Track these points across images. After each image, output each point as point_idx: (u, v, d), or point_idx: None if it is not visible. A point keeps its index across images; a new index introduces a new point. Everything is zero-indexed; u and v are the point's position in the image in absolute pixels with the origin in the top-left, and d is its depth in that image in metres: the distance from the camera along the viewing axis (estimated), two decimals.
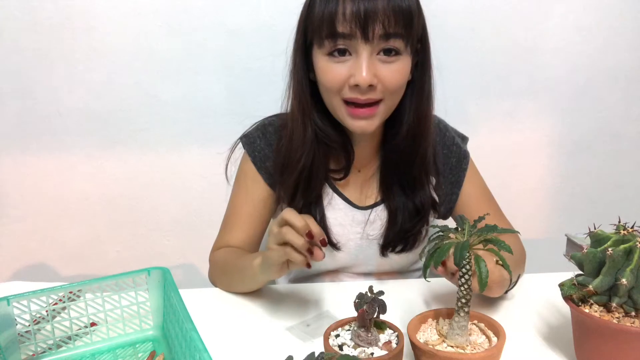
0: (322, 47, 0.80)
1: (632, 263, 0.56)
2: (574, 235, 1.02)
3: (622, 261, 0.57)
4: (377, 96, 0.80)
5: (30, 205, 1.35)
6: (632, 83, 1.39)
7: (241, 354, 0.73)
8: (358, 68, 0.77)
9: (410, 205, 0.91)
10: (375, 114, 0.82)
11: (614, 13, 1.32)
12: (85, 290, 0.75)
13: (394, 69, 0.79)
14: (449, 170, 0.97)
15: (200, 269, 1.44)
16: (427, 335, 0.67)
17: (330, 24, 0.76)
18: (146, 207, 1.38)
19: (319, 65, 0.82)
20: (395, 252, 0.94)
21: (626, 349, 0.58)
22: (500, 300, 0.86)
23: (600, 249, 0.59)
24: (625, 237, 0.58)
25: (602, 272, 0.59)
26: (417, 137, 0.87)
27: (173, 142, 1.33)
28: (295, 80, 0.87)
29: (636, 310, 0.59)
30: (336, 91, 0.81)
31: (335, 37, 0.77)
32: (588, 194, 1.46)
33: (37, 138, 1.30)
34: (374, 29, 0.75)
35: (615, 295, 0.59)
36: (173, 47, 1.27)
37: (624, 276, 0.57)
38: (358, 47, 0.77)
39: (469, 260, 0.62)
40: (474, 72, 1.34)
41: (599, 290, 0.60)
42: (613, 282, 0.58)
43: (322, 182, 0.92)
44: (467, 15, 1.30)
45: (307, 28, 0.82)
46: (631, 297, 0.58)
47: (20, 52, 1.24)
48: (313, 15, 0.79)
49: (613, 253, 0.57)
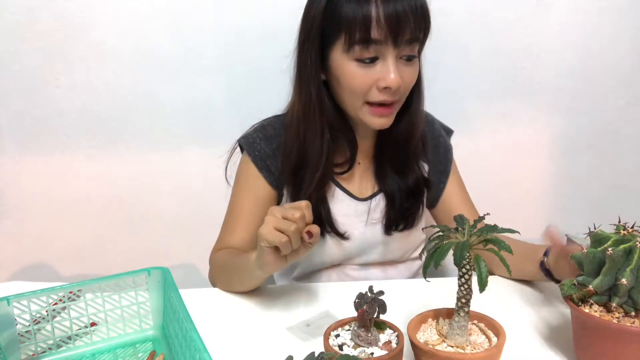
0: (351, 52, 0.80)
1: (632, 263, 0.56)
2: (574, 235, 1.02)
3: (622, 261, 0.57)
4: (399, 97, 0.85)
5: (30, 205, 1.35)
6: (632, 83, 1.39)
7: (241, 354, 0.73)
8: (388, 72, 0.80)
9: (405, 187, 0.97)
10: (394, 112, 0.87)
11: (614, 13, 1.32)
12: (85, 290, 0.75)
13: (412, 71, 0.85)
14: (438, 160, 1.03)
15: (200, 269, 1.44)
16: (427, 335, 0.67)
17: (365, 29, 0.77)
18: (146, 207, 1.38)
19: (345, 70, 0.83)
20: (398, 230, 0.98)
21: (626, 349, 0.58)
22: (500, 300, 0.86)
23: (600, 249, 0.59)
24: (625, 237, 0.58)
25: (602, 272, 0.59)
26: (411, 128, 0.93)
27: (173, 142, 1.33)
28: (308, 80, 0.87)
29: (636, 310, 0.59)
30: (362, 94, 0.83)
31: (368, 42, 0.78)
32: (588, 194, 1.46)
33: (37, 138, 1.30)
34: (404, 35, 0.79)
35: (615, 295, 0.59)
36: (173, 47, 1.27)
37: (624, 276, 0.57)
38: (386, 53, 0.80)
39: (469, 260, 0.63)
40: (474, 72, 1.34)
41: (599, 290, 0.60)
42: (613, 282, 0.58)
43: (331, 176, 0.95)
44: (467, 16, 1.30)
45: (326, 27, 0.82)
46: (631, 297, 0.59)
47: (20, 52, 1.24)
48: (338, 16, 0.79)
49: (613, 253, 0.57)
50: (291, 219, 0.72)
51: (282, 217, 0.73)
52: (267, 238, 0.73)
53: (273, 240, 0.72)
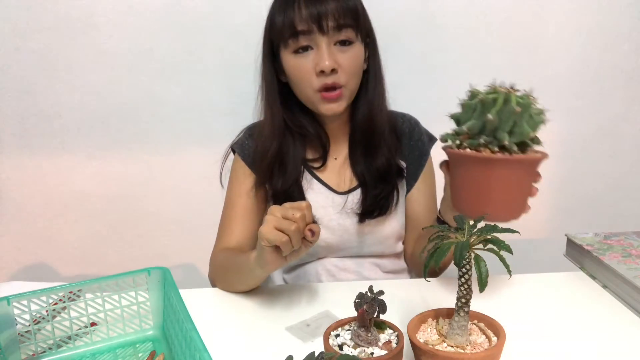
0: (288, 47, 0.93)
1: (497, 105, 0.65)
2: (574, 235, 1.02)
3: (490, 105, 0.66)
4: (340, 80, 0.92)
5: (30, 205, 1.35)
6: (632, 83, 1.39)
7: (241, 354, 0.73)
8: (320, 57, 0.90)
9: (374, 170, 1.01)
10: (342, 96, 0.94)
11: (614, 13, 1.32)
12: (85, 290, 0.75)
13: (350, 55, 0.93)
14: (411, 161, 1.06)
15: (200, 269, 1.44)
16: (427, 335, 0.67)
17: (291, 25, 0.90)
18: (146, 207, 1.38)
19: (288, 64, 0.94)
20: (372, 217, 1.02)
21: (490, 174, 0.67)
22: (500, 300, 0.86)
23: (475, 100, 0.67)
24: (496, 90, 0.67)
25: (473, 116, 0.68)
26: (374, 113, 1.00)
27: (173, 142, 1.33)
28: (265, 80, 1.00)
29: (500, 148, 0.66)
30: (307, 82, 0.93)
31: (296, 35, 0.91)
32: (588, 194, 1.46)
33: (37, 138, 1.30)
34: (328, 23, 0.89)
35: (483, 134, 0.67)
36: (173, 47, 1.27)
37: (490, 113, 0.65)
38: (317, 40, 0.91)
39: (469, 260, 0.63)
40: (474, 72, 1.34)
41: (472, 132, 0.68)
42: (483, 123, 0.66)
43: (298, 168, 1.01)
44: (467, 16, 1.30)
45: (272, 36, 0.96)
46: (496, 137, 0.66)
47: (21, 52, 1.24)
48: (275, 24, 0.93)
49: (484, 98, 0.66)
50: (292, 218, 0.74)
51: (283, 216, 0.74)
52: (268, 237, 0.74)
53: (274, 239, 0.73)
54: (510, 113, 0.64)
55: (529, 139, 0.66)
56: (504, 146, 0.65)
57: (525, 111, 0.64)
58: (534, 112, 0.66)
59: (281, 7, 0.93)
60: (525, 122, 0.65)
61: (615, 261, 0.90)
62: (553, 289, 0.90)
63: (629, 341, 0.74)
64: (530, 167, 0.69)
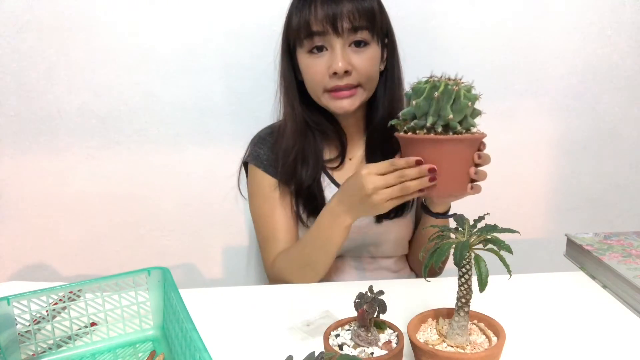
0: (303, 47, 0.94)
1: (440, 87, 0.73)
2: (574, 235, 1.02)
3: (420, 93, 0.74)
4: (354, 81, 0.93)
5: (30, 205, 1.35)
6: (632, 83, 1.39)
7: (241, 354, 0.73)
8: (334, 58, 0.91)
9: None
10: (355, 95, 0.95)
11: (614, 13, 1.32)
12: (85, 290, 0.75)
13: (364, 57, 0.93)
14: None
15: (200, 269, 1.43)
16: (427, 335, 0.67)
17: (306, 25, 0.92)
18: (146, 207, 1.38)
19: (303, 64, 0.96)
20: (390, 218, 1.03)
21: (423, 153, 0.76)
22: (500, 300, 0.86)
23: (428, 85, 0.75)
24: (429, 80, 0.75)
25: (423, 97, 0.74)
26: (391, 111, 0.99)
27: (173, 142, 1.33)
28: (284, 78, 1.01)
29: (444, 127, 0.74)
30: (319, 82, 0.94)
31: (311, 35, 0.92)
32: (588, 194, 1.46)
33: (37, 138, 1.30)
34: (343, 24, 0.90)
35: (429, 114, 0.74)
36: (173, 47, 1.27)
37: (437, 92, 0.73)
38: (332, 41, 0.92)
39: (469, 260, 0.63)
40: (474, 72, 1.34)
41: (418, 113, 0.75)
42: (431, 102, 0.74)
43: (319, 164, 1.02)
44: (467, 16, 1.30)
45: (289, 36, 0.97)
46: (440, 116, 0.74)
47: (20, 52, 1.24)
48: (292, 24, 0.95)
49: (432, 81, 0.74)
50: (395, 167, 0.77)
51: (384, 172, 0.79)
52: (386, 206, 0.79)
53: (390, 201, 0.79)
54: (433, 99, 0.74)
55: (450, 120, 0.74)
56: (448, 124, 0.74)
57: (449, 97, 0.73)
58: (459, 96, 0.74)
59: (298, 6, 0.94)
60: (449, 106, 0.73)
61: (615, 261, 0.90)
62: (553, 289, 0.90)
63: (629, 341, 0.74)
64: (471, 144, 0.79)
